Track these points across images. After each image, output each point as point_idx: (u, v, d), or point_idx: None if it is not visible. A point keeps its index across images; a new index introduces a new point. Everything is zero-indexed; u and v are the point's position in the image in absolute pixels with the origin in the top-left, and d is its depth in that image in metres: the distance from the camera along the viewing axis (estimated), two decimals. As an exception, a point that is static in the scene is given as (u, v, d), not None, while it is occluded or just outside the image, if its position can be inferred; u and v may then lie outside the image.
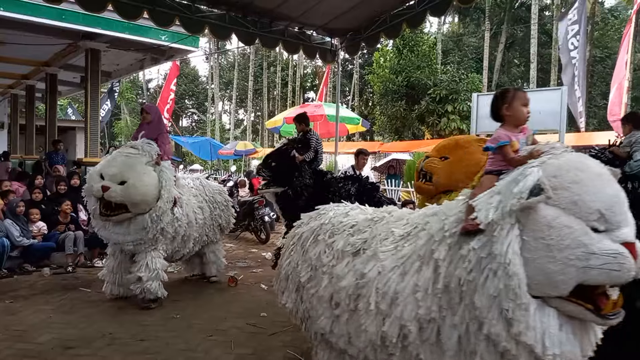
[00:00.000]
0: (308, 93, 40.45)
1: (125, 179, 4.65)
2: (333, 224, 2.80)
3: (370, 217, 2.72)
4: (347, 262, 2.52)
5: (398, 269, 2.25)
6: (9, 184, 7.74)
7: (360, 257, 2.47)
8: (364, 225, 2.66)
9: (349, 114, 13.60)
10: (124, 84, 35.42)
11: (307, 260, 2.80)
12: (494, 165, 2.38)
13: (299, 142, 5.99)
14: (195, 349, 3.85)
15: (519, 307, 1.84)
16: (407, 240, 2.35)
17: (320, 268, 2.68)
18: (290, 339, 4.10)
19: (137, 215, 4.77)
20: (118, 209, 4.72)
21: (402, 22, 6.79)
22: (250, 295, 5.58)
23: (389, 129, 25.24)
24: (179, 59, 13.10)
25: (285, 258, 3.07)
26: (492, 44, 29.11)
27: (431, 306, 2.08)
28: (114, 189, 4.61)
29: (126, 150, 4.96)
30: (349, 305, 2.42)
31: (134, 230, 4.83)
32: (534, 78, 22.74)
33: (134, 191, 4.64)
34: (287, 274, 3.00)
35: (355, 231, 2.65)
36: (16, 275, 6.27)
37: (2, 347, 3.79)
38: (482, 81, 24.70)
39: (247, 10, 6.79)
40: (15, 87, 14.08)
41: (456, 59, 26.59)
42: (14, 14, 7.06)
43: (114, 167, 4.73)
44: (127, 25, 7.92)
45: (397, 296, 2.20)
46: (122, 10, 5.97)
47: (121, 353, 3.74)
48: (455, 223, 2.17)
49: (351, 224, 2.72)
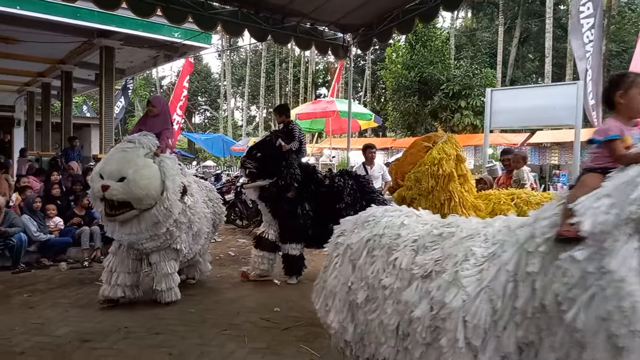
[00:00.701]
0: (320, 89, 40.42)
1: (124, 175, 4.42)
2: (390, 237, 2.44)
3: (436, 232, 2.35)
4: (416, 286, 2.18)
5: (485, 294, 1.95)
6: (27, 180, 7.88)
7: (434, 282, 2.12)
8: (429, 242, 2.31)
9: (361, 110, 13.57)
10: (138, 81, 35.69)
11: (363, 278, 2.45)
12: (597, 161, 2.05)
13: (282, 133, 5.84)
14: (209, 343, 3.89)
15: (633, 334, 1.56)
16: (491, 261, 2.03)
17: (381, 290, 2.33)
18: (303, 334, 4.12)
19: (144, 212, 4.54)
20: (122, 207, 4.50)
21: (414, 17, 6.74)
22: (264, 290, 5.61)
23: (402, 125, 25.14)
24: (191, 56, 13.17)
25: (329, 272, 2.72)
26: (506, 38, 28.78)
27: (529, 327, 1.83)
28: (114, 186, 4.39)
29: (123, 146, 4.76)
30: (424, 339, 2.09)
31: (145, 227, 4.60)
32: (549, 73, 22.46)
33: (134, 186, 4.41)
34: (334, 291, 2.63)
35: (419, 248, 2.31)
36: (34, 270, 6.38)
37: (21, 340, 3.87)
38: (496, 76, 24.46)
39: (260, 6, 6.80)
40: (31, 84, 14.28)
41: (469, 54, 26.31)
42: (31, 12, 7.17)
43: (111, 164, 4.53)
44: (141, 23, 7.99)
45: (494, 327, 1.90)
46: (135, 8, 6.02)
47: (137, 347, 3.79)
48: (548, 228, 1.88)
49: (412, 238, 2.36)
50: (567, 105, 7.62)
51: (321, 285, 2.80)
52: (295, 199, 5.65)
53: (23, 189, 7.34)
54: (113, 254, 4.89)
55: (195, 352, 3.70)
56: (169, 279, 4.84)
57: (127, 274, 4.82)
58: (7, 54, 9.84)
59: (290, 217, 5.67)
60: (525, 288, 1.85)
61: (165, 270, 4.81)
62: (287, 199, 5.62)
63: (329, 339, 3.93)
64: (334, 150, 19.93)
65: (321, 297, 2.76)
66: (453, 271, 2.07)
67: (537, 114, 8.04)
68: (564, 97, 7.74)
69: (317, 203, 5.73)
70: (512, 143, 16.22)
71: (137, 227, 4.60)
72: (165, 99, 6.03)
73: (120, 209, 4.51)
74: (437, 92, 22.02)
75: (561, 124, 9.50)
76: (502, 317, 1.88)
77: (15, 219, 6.49)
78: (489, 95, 8.39)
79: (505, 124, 9.07)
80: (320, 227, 5.68)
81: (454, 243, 2.21)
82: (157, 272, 4.82)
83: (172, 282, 4.85)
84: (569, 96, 7.65)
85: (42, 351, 3.67)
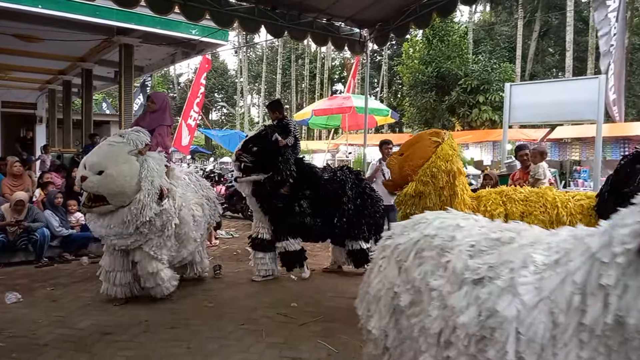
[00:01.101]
0: (336, 85, 40.34)
1: (103, 169, 4.38)
2: (443, 238, 2.24)
3: (494, 237, 2.14)
4: (465, 291, 1.98)
5: (545, 305, 1.73)
6: (50, 176, 8.04)
7: (486, 288, 1.91)
8: (486, 246, 2.10)
9: (377, 106, 13.52)
10: (156, 79, 36.06)
11: (409, 280, 2.26)
12: None
13: (278, 128, 5.75)
14: (227, 337, 3.93)
15: None
16: (554, 270, 1.85)
17: (427, 292, 2.14)
18: (320, 329, 4.13)
19: (119, 208, 4.48)
20: (97, 201, 4.47)
21: (432, 12, 6.68)
22: (280, 285, 5.64)
23: (419, 121, 24.97)
24: (209, 52, 13.26)
25: (374, 275, 2.52)
26: (526, 32, 28.34)
27: (597, 347, 1.64)
28: (91, 179, 4.37)
29: (112, 139, 4.70)
30: (468, 348, 1.91)
31: (115, 223, 4.50)
32: (570, 67, 22.07)
33: (110, 181, 4.36)
34: (378, 295, 2.43)
35: (475, 252, 2.09)
36: (56, 264, 6.53)
37: (45, 332, 3.96)
38: (515, 71, 24.13)
39: (276, 2, 6.81)
40: (52, 82, 14.52)
41: (488, 48, 25.98)
42: (52, 11, 7.29)
43: (95, 156, 4.51)
44: (159, 20, 8.07)
45: (552, 343, 1.72)
46: (154, 5, 6.09)
47: (156, 340, 3.85)
48: (630, 237, 1.67)
49: (469, 242, 2.15)
50: (589, 100, 7.49)
51: (365, 290, 2.59)
52: (289, 195, 5.59)
53: (45, 185, 7.50)
54: (107, 253, 4.85)
55: (213, 346, 3.74)
56: (154, 276, 4.72)
57: (122, 273, 4.78)
58: (30, 52, 10.04)
59: (286, 214, 5.60)
60: (596, 302, 1.63)
61: (148, 269, 4.69)
62: (281, 195, 5.55)
63: (349, 338, 3.96)
64: (350, 146, 19.89)
65: (364, 302, 2.57)
66: (508, 277, 1.86)
67: (558, 109, 7.92)
68: (585, 91, 7.60)
69: (317, 197, 5.70)
70: (531, 139, 16.00)
71: (108, 222, 4.55)
72: (166, 96, 5.86)
73: (96, 202, 4.49)
74: (455, 87, 21.81)
75: (582, 119, 9.31)
76: (565, 333, 1.66)
77: (38, 215, 6.63)
78: (508, 90, 8.28)
79: (525, 119, 8.94)
80: (320, 221, 5.75)
81: (512, 249, 2.00)
82: (141, 271, 4.73)
83: (158, 279, 4.73)
84: (590, 91, 7.51)
85: (64, 343, 3.75)
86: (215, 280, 5.82)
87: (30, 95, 15.64)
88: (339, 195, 5.73)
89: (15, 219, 6.38)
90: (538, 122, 13.54)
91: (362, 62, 19.75)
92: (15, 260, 6.50)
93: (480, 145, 19.26)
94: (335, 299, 5.07)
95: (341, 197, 5.72)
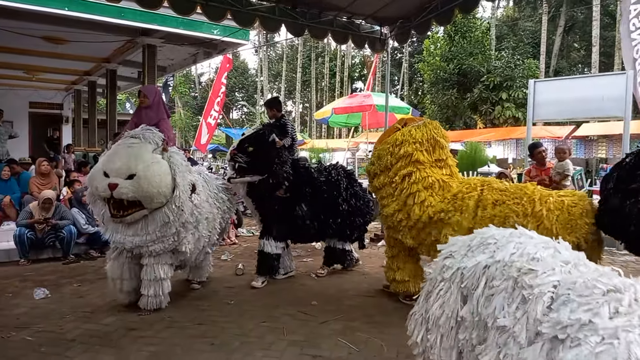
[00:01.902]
0: (356, 83, 40.23)
1: (133, 172, 4.05)
2: (520, 270, 1.84)
3: (581, 282, 1.64)
4: (542, 347, 1.58)
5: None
6: (76, 174, 8.24)
7: (571, 351, 1.46)
8: (573, 295, 1.61)
9: (398, 104, 13.43)
10: (178, 78, 36.60)
11: (477, 313, 1.93)
12: None
13: (275, 127, 5.51)
14: (249, 334, 3.97)
15: None
16: None
17: (494, 331, 1.80)
18: (341, 328, 4.13)
19: (154, 211, 4.19)
20: (131, 207, 4.12)
21: (454, 8, 6.59)
22: (301, 284, 5.67)
23: (440, 118, 24.73)
24: (230, 52, 13.36)
25: (433, 299, 2.21)
26: (550, 27, 27.78)
27: None
28: (123, 184, 4.01)
29: (127, 142, 4.33)
30: None
31: (154, 228, 4.23)
32: (596, 62, 21.56)
33: (145, 183, 4.05)
34: (438, 323, 2.12)
35: (557, 297, 1.65)
36: (82, 261, 6.68)
37: (72, 327, 4.06)
38: (539, 67, 23.67)
39: (296, 1, 6.83)
40: (78, 83, 14.83)
41: (511, 44, 25.55)
42: (78, 13, 7.45)
43: (118, 161, 4.12)
44: (181, 21, 8.17)
45: None
46: (176, 6, 6.16)
47: (180, 336, 3.91)
48: None
49: (551, 282, 1.71)
50: (616, 96, 7.32)
51: (421, 314, 2.29)
52: (284, 198, 5.42)
53: (72, 183, 7.68)
54: (113, 260, 4.49)
55: (235, 343, 3.78)
56: (158, 285, 4.43)
57: (130, 280, 4.49)
58: (57, 54, 10.27)
59: (277, 216, 5.44)
60: None
61: (156, 275, 4.40)
62: (276, 198, 5.36)
63: (369, 336, 3.96)
64: (371, 144, 19.81)
65: (419, 327, 2.28)
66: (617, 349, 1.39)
67: (584, 105, 7.76)
68: (612, 87, 7.43)
69: (312, 198, 5.53)
70: (556, 136, 15.71)
71: (145, 229, 4.23)
72: (157, 88, 5.64)
73: (129, 209, 4.13)
74: (477, 84, 21.54)
75: (609, 116, 9.10)
76: None
77: (65, 212, 6.80)
78: (532, 86, 8.14)
79: (549, 116, 8.76)
80: (315, 224, 5.59)
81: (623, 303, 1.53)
82: (147, 276, 4.41)
83: (161, 289, 4.45)
84: (617, 86, 7.34)
85: (91, 338, 3.84)
86: (237, 277, 5.87)
87: (57, 95, 16.01)
88: (335, 196, 5.59)
89: (43, 217, 6.55)
90: (563, 119, 13.28)
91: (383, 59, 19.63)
92: (43, 257, 6.68)
93: (503, 143, 18.99)
94: (355, 298, 5.06)
95: (337, 199, 5.60)
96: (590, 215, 3.71)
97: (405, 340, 2.45)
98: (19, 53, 10.30)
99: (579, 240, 3.61)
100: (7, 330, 4.00)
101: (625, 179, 3.62)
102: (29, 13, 7.32)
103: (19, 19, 7.57)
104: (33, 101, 15.50)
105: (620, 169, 3.72)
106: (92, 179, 4.22)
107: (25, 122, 15.44)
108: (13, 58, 10.81)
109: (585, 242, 3.63)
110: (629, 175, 3.62)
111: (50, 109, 16.26)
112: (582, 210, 3.71)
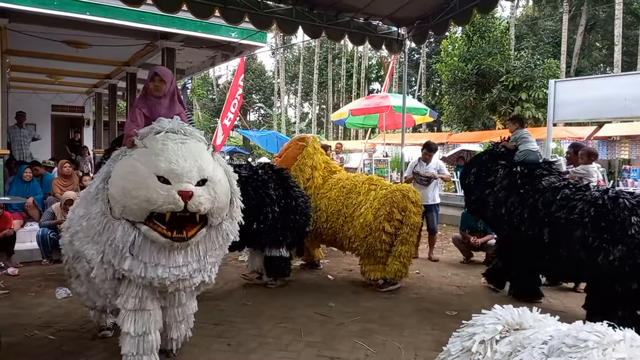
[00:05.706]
0: (373, 84, 40.13)
1: (205, 176, 2.98)
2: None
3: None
4: None
5: None
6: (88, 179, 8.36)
7: None
8: None
9: (415, 105, 13.34)
10: (196, 81, 36.97)
11: None
12: None
13: None
14: (266, 335, 3.98)
15: None
16: None
17: None
18: (358, 329, 4.13)
19: (209, 229, 3.14)
20: (193, 224, 2.98)
21: (472, 8, 6.52)
22: (318, 285, 5.67)
23: (458, 119, 24.51)
24: (247, 54, 13.44)
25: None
26: (571, 26, 27.33)
27: None
28: (199, 193, 2.89)
29: (177, 137, 3.09)
30: None
31: (204, 251, 3.15)
32: (619, 62, 21.14)
33: (221, 190, 3.06)
34: None
35: None
36: (103, 261, 6.76)
37: (92, 327, 4.10)
38: (560, 67, 23.27)
39: (313, 3, 6.84)
40: (99, 86, 15.09)
41: (531, 44, 25.13)
42: (99, 18, 7.58)
43: (183, 162, 2.92)
44: (200, 24, 8.25)
45: None
46: (195, 10, 6.23)
47: (198, 335, 3.94)
48: None
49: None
50: (639, 95, 7.15)
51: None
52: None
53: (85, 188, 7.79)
54: (138, 310, 3.10)
55: (252, 344, 3.80)
56: (191, 319, 3.60)
57: (156, 333, 3.20)
58: (79, 57, 10.45)
59: None
60: None
61: (190, 310, 3.56)
62: None
63: (386, 338, 3.94)
64: (388, 145, 19.73)
65: None
66: None
67: (606, 105, 7.60)
68: (635, 87, 7.26)
69: None
70: (577, 137, 15.41)
71: (197, 254, 3.12)
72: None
73: (194, 227, 2.99)
74: (496, 84, 21.26)
75: (632, 116, 8.91)
76: None
77: (86, 213, 6.88)
78: (552, 86, 8.01)
79: (570, 116, 8.60)
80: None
81: None
82: (179, 317, 3.45)
83: (188, 324, 3.59)
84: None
85: (111, 337, 3.88)
86: (254, 278, 5.89)
87: (78, 98, 16.30)
88: (261, 196, 5.13)
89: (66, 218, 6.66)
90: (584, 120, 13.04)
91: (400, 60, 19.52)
92: (65, 257, 6.79)
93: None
94: (372, 300, 5.05)
95: (263, 199, 5.14)
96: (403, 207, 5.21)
97: (422, 343, 2.42)
98: (42, 57, 10.52)
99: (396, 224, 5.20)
100: (30, 328, 4.09)
101: (483, 174, 5.11)
102: (51, 18, 7.48)
103: (42, 24, 7.74)
104: (55, 104, 15.80)
105: (479, 165, 5.23)
106: (138, 189, 2.86)
107: (48, 125, 15.75)
108: (36, 62, 11.05)
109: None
110: (486, 171, 5.11)
111: (72, 112, 16.56)
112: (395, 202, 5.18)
